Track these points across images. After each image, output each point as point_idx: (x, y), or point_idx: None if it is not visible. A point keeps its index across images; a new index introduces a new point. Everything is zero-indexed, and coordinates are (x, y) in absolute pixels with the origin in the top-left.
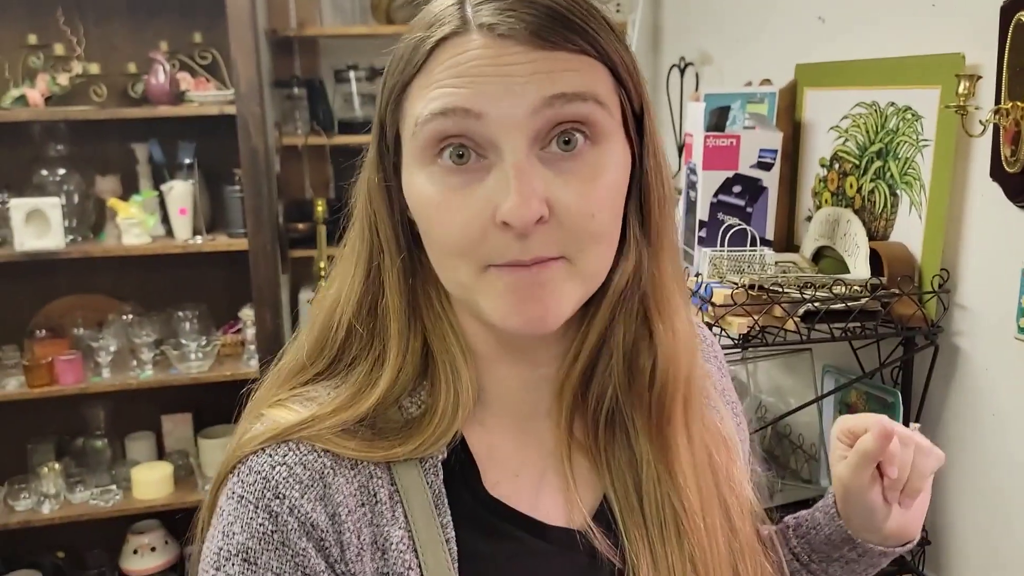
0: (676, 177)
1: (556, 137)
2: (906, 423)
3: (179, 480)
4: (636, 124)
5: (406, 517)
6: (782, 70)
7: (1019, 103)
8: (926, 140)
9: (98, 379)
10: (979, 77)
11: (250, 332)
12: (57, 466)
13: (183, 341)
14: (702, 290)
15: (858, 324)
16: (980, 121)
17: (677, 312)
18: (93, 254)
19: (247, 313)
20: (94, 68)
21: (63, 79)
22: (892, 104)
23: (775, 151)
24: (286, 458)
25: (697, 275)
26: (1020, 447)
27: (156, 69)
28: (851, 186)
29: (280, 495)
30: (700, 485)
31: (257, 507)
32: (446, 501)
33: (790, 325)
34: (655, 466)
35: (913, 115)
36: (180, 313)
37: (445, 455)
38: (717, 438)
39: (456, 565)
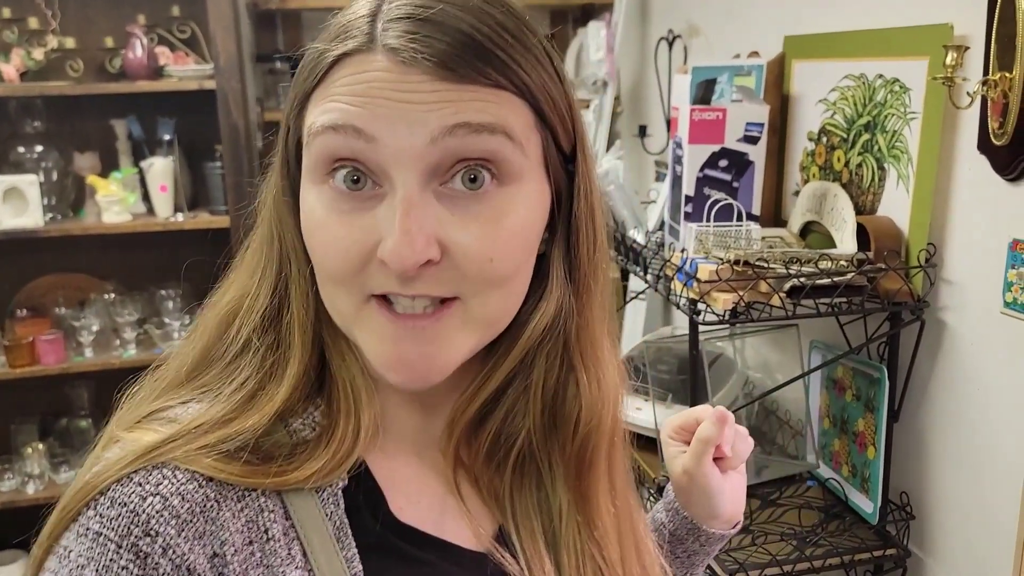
0: (664, 152)
1: (460, 173)
2: (892, 398)
3: None
4: (564, 163)
5: (304, 555)
6: (770, 42)
7: (1007, 74)
8: (914, 112)
9: (80, 359)
10: (967, 48)
11: None
12: (41, 446)
13: (166, 320)
14: (687, 266)
15: (844, 299)
16: (968, 93)
17: (604, 361)
18: (73, 232)
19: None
20: (70, 42)
21: (38, 54)
22: (880, 76)
23: (762, 124)
24: (160, 487)
25: (682, 251)
26: (1004, 421)
27: (134, 43)
28: (839, 160)
29: (151, 532)
30: (621, 536)
31: (120, 546)
32: (350, 532)
33: (776, 301)
34: (575, 516)
35: (901, 87)
36: (162, 292)
37: (346, 482)
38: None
39: None
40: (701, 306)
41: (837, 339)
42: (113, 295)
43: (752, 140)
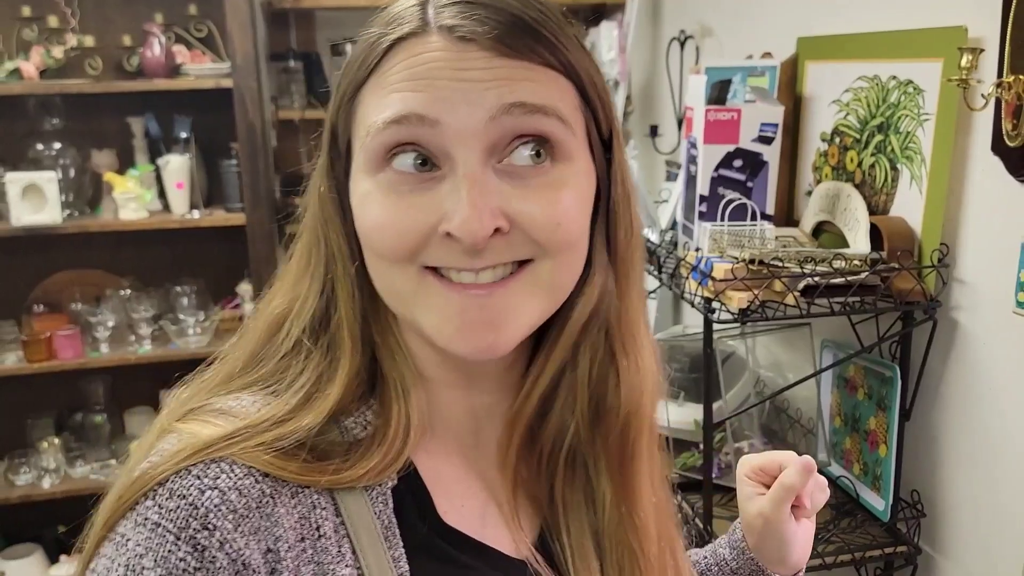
0: (675, 152)
1: (517, 148)
2: (904, 397)
3: None
4: (604, 150)
5: (354, 552)
6: (783, 43)
7: (1021, 76)
8: (927, 114)
9: (96, 354)
10: (981, 50)
11: (248, 307)
12: (57, 441)
13: (181, 316)
14: (702, 264)
15: (857, 299)
16: (982, 95)
17: (643, 347)
18: (90, 229)
19: (245, 288)
20: (89, 41)
21: (58, 52)
22: (894, 78)
23: (776, 125)
24: (218, 481)
25: (697, 250)
26: (1017, 420)
27: (151, 42)
28: (852, 160)
29: (209, 526)
30: (660, 528)
31: (179, 538)
32: (397, 532)
33: (790, 300)
34: (618, 507)
35: (915, 88)
36: (178, 288)
37: (395, 482)
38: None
39: None
40: (716, 304)
41: (848, 338)
42: (129, 291)
43: (767, 140)
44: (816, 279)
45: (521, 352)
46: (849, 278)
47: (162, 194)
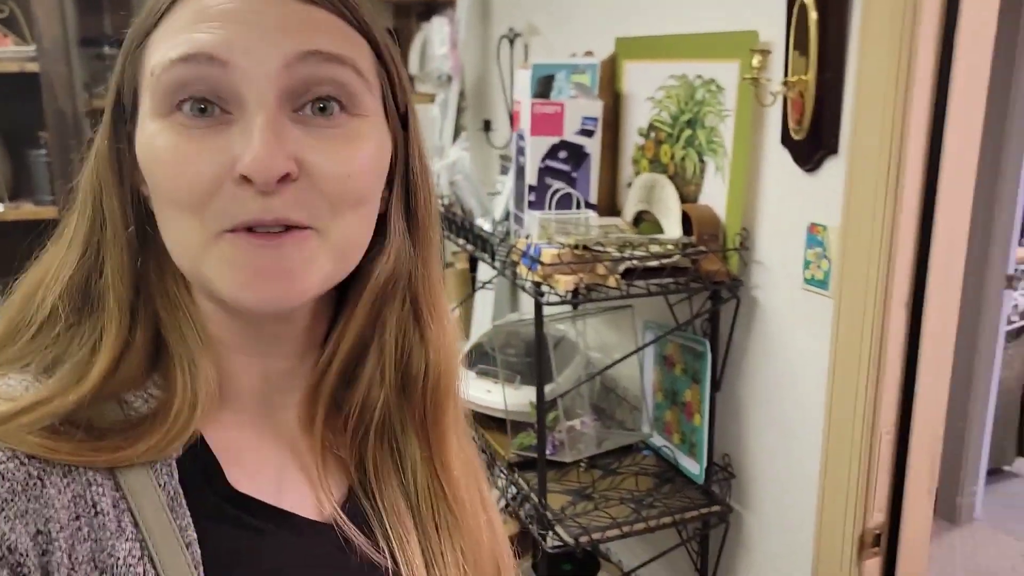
0: (508, 146)
1: (310, 103)
2: (714, 370)
3: None
4: (401, 121)
5: (136, 526)
6: (604, 42)
7: (803, 77)
8: (727, 110)
9: None
10: (769, 52)
11: None
12: None
13: None
14: (531, 250)
15: (672, 280)
16: (771, 93)
17: (445, 312)
18: None
19: None
20: None
21: None
22: (699, 76)
23: (596, 119)
24: None
25: (526, 237)
26: (808, 384)
27: None
28: (665, 153)
29: None
30: (467, 478)
31: None
32: (183, 502)
33: (612, 282)
34: (429, 464)
35: (717, 87)
36: None
37: (180, 453)
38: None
39: (200, 569)
40: (545, 288)
41: (666, 318)
42: None
43: (588, 133)
44: (634, 262)
45: (318, 318)
46: (663, 261)
47: None
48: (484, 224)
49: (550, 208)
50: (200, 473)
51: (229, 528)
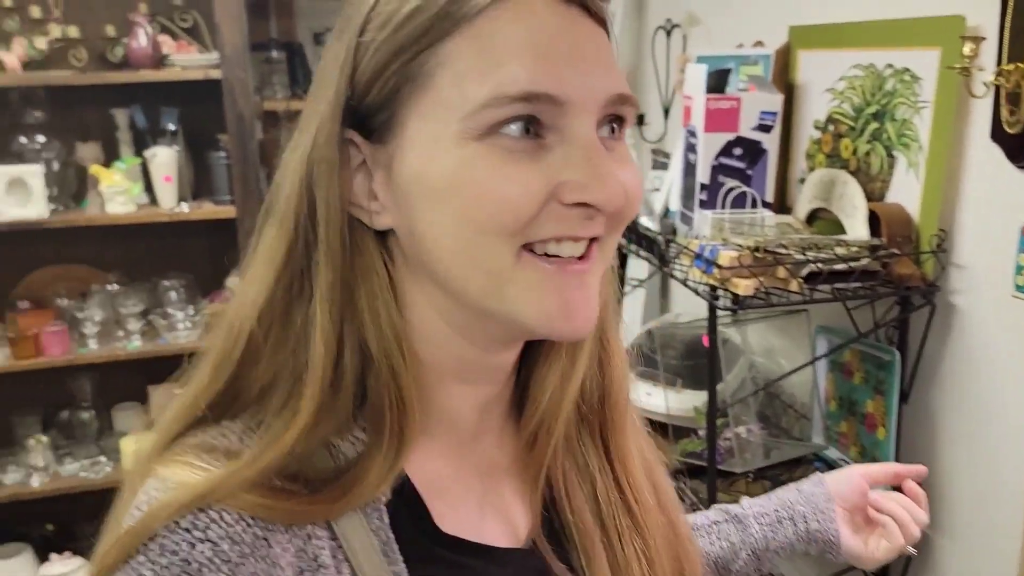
0: (662, 140)
1: (601, 129)
2: (903, 380)
3: None
4: None
5: (354, 574)
6: (774, 32)
7: (1020, 64)
8: (924, 101)
9: (85, 350)
10: (984, 39)
11: None
12: (44, 439)
13: (170, 311)
14: (706, 252)
15: (859, 284)
16: (983, 83)
17: (617, 323)
18: (77, 223)
19: (234, 282)
20: (72, 31)
21: (41, 43)
22: (890, 66)
23: (775, 113)
24: (208, 532)
25: (697, 238)
26: (1014, 402)
27: (137, 32)
28: (846, 148)
29: None
30: (647, 483)
31: None
32: (396, 548)
33: (793, 286)
34: (610, 474)
35: (912, 76)
36: (166, 282)
37: (389, 496)
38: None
39: None
40: (720, 292)
41: (842, 324)
42: (116, 286)
43: (765, 129)
44: (819, 265)
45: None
46: (851, 264)
47: (148, 187)
48: (649, 222)
49: (723, 207)
50: (408, 514)
51: (439, 570)
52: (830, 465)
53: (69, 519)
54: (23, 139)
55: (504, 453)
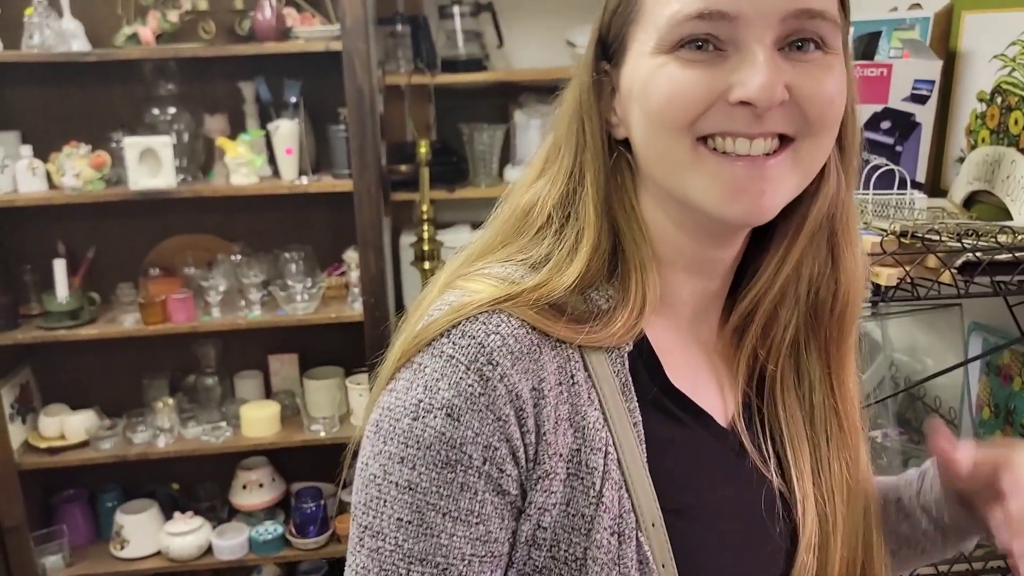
0: None
1: (790, 44)
2: None
3: (285, 419)
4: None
5: (599, 399)
6: None
7: None
8: None
9: (208, 318)
10: None
11: (354, 275)
12: (171, 401)
13: (289, 282)
14: None
15: None
16: None
17: (857, 237)
18: (203, 194)
19: (351, 255)
20: (202, 4)
21: (173, 16)
22: None
23: (932, 82)
24: (499, 328)
25: None
26: None
27: (263, 4)
28: (1017, 122)
29: (493, 362)
30: (856, 398)
31: (469, 368)
32: (632, 389)
33: (945, 277)
34: (827, 381)
35: None
36: (286, 254)
37: (631, 347)
38: None
39: (644, 445)
40: None
41: (1003, 322)
42: (239, 256)
43: (920, 100)
44: (977, 255)
45: (745, 243)
46: (1016, 254)
47: (271, 159)
48: None
49: (867, 187)
50: (643, 367)
51: (663, 416)
52: None
53: (192, 479)
54: (155, 110)
55: (718, 340)
